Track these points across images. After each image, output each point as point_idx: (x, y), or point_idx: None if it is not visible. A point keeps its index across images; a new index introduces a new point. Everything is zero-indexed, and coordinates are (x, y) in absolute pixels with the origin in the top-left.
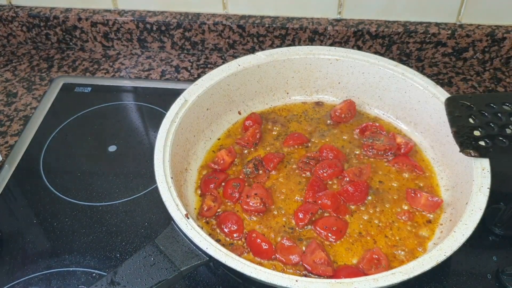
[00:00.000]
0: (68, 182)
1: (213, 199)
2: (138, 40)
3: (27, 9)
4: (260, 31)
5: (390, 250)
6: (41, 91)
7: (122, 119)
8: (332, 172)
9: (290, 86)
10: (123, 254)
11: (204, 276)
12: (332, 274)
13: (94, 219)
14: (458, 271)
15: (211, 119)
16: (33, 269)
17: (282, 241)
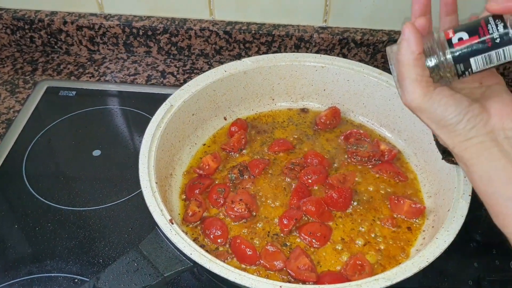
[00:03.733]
0: (50, 187)
1: (197, 205)
2: (124, 45)
3: (12, 12)
4: (246, 38)
5: (373, 256)
6: (25, 94)
7: (107, 123)
8: (317, 178)
9: (276, 92)
10: (106, 259)
11: (188, 282)
12: (315, 280)
13: (77, 224)
14: (440, 277)
15: (197, 125)
16: (14, 275)
17: (267, 247)
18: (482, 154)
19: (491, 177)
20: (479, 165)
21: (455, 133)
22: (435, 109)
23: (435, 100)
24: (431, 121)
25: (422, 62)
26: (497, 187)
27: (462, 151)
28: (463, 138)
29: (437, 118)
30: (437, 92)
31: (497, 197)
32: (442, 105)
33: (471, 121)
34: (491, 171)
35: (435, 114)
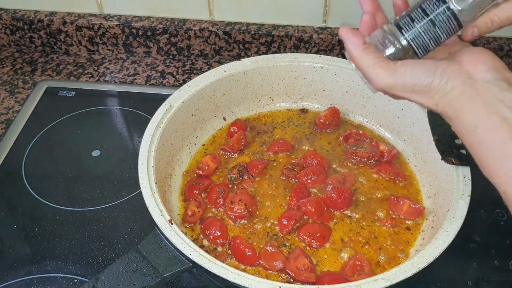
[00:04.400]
0: (50, 187)
1: (197, 205)
2: (124, 45)
3: (11, 12)
4: (246, 38)
5: (373, 256)
6: (24, 95)
7: (106, 123)
8: (316, 179)
9: (275, 93)
10: (106, 260)
11: (188, 282)
12: (315, 281)
13: (76, 225)
14: (440, 277)
15: (196, 125)
16: (13, 275)
17: (266, 247)
18: (465, 104)
19: (477, 127)
20: (464, 117)
21: (433, 92)
22: (404, 79)
23: (400, 72)
24: (407, 92)
25: (372, 49)
26: (483, 137)
27: (445, 107)
28: (442, 93)
29: (410, 87)
30: (400, 64)
31: (483, 147)
32: (409, 73)
33: (443, 75)
34: (476, 121)
35: (406, 84)
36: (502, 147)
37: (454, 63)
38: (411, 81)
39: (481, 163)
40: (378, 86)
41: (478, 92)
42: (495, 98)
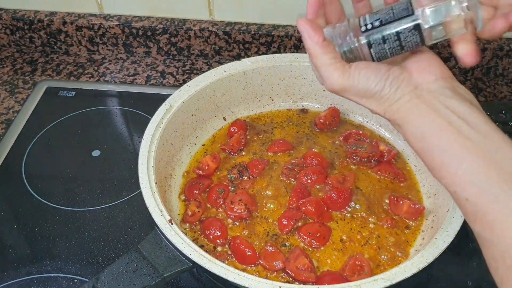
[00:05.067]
0: (50, 187)
1: (197, 205)
2: (124, 45)
3: (11, 12)
4: (246, 38)
5: (373, 256)
6: (24, 95)
7: (107, 124)
8: (316, 179)
9: (275, 93)
10: (106, 260)
11: (188, 282)
12: (315, 281)
13: (76, 225)
14: (440, 277)
15: (196, 125)
16: (13, 275)
17: (266, 247)
18: (412, 112)
19: (424, 132)
20: (411, 123)
21: (383, 99)
22: (357, 84)
23: (354, 76)
24: (358, 96)
25: (330, 48)
26: (430, 141)
27: (393, 114)
28: (391, 101)
29: (362, 91)
30: (354, 67)
31: (431, 151)
32: (362, 78)
33: (393, 83)
34: (423, 127)
35: (358, 88)
36: (449, 147)
37: (404, 72)
38: (363, 87)
39: (430, 166)
40: (331, 87)
41: (424, 100)
42: (441, 104)
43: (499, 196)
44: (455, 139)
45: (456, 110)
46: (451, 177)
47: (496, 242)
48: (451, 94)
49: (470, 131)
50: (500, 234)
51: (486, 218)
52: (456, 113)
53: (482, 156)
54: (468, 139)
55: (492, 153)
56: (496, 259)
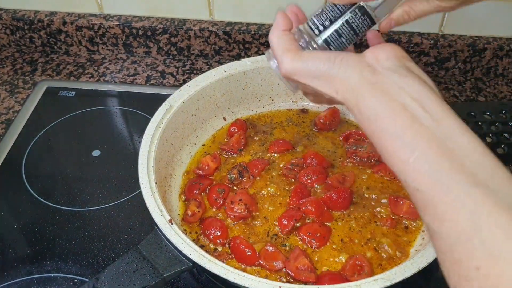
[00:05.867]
0: (50, 187)
1: (197, 205)
2: (124, 45)
3: (11, 12)
4: (246, 38)
5: (373, 256)
6: (24, 95)
7: (107, 123)
8: (316, 178)
9: (275, 93)
10: (106, 259)
11: (188, 282)
12: (315, 281)
13: (76, 224)
14: (440, 277)
15: (196, 125)
16: (13, 275)
17: (266, 247)
18: (364, 91)
19: (377, 114)
20: (363, 103)
21: (333, 78)
22: (307, 64)
23: (305, 58)
24: (309, 77)
25: (290, 37)
26: (383, 124)
27: (345, 93)
28: (342, 79)
29: (312, 72)
30: (307, 52)
31: (383, 135)
32: (311, 59)
33: (343, 61)
34: (376, 109)
35: (308, 69)
36: (402, 134)
37: (357, 54)
38: (313, 67)
39: (382, 151)
40: (283, 69)
41: (377, 79)
42: (395, 84)
43: (451, 187)
44: (409, 125)
45: (410, 91)
46: (402, 165)
47: (445, 235)
48: (405, 73)
49: (424, 116)
50: (449, 226)
51: (436, 210)
52: (411, 95)
53: (435, 144)
54: (422, 125)
55: (446, 141)
56: (444, 252)
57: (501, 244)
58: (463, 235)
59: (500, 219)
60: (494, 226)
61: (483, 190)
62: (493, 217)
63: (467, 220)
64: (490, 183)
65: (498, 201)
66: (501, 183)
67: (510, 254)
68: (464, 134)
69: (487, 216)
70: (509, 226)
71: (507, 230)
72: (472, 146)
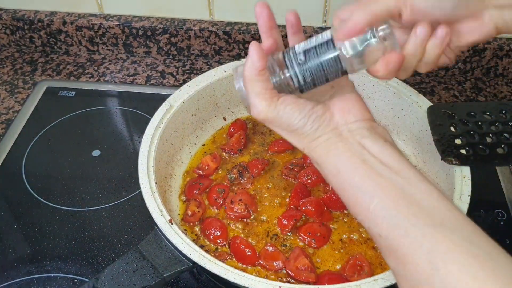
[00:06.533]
0: (50, 187)
1: (197, 205)
2: (124, 45)
3: (11, 12)
4: (246, 38)
5: (373, 256)
6: (24, 95)
7: (107, 123)
8: (316, 179)
9: None
10: (106, 259)
11: (188, 282)
12: (315, 281)
13: (76, 224)
14: None
15: (196, 125)
16: (13, 275)
17: (266, 247)
18: (330, 150)
19: (339, 169)
20: (328, 160)
21: (303, 136)
22: (280, 117)
23: (280, 109)
24: (280, 128)
25: (265, 77)
26: (345, 177)
27: (312, 151)
28: (311, 138)
29: (284, 125)
30: (281, 101)
31: (346, 187)
32: (287, 113)
33: (315, 122)
34: (338, 164)
35: (281, 121)
36: (362, 185)
37: (327, 112)
38: (286, 121)
39: (347, 203)
40: (255, 115)
41: (341, 140)
42: (357, 144)
43: (409, 230)
44: (368, 175)
45: (371, 149)
46: (364, 213)
47: (409, 277)
48: (368, 134)
49: (382, 168)
50: (412, 268)
51: (397, 253)
52: (371, 152)
53: (393, 192)
54: (380, 175)
55: (403, 188)
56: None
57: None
58: (424, 275)
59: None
60: (451, 263)
61: (439, 229)
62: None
63: (426, 260)
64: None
65: (454, 238)
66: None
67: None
68: (421, 182)
69: (443, 254)
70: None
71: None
72: (428, 192)
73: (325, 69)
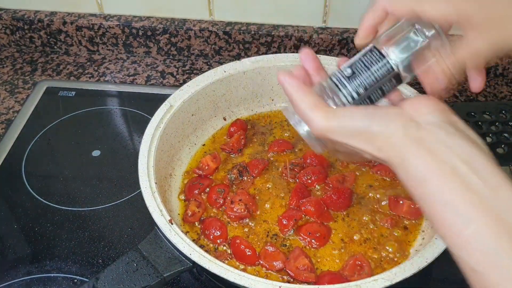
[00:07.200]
0: (50, 187)
1: (197, 205)
2: (124, 45)
3: (11, 12)
4: (246, 38)
5: (373, 256)
6: (24, 95)
7: (107, 124)
8: (316, 178)
9: (275, 93)
10: (106, 259)
11: (188, 282)
12: (315, 281)
13: (76, 225)
14: (440, 277)
15: (196, 125)
16: (13, 275)
17: (266, 247)
18: (410, 148)
19: (425, 177)
20: (409, 163)
21: (373, 136)
22: (343, 123)
23: (339, 115)
24: (345, 136)
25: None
26: (432, 189)
27: (388, 152)
28: (384, 137)
29: (349, 131)
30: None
31: (433, 201)
32: (347, 117)
33: (383, 118)
34: (422, 170)
35: (345, 127)
36: (453, 202)
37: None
38: (350, 124)
39: (431, 218)
40: (315, 129)
41: (422, 135)
42: (442, 143)
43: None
44: (460, 191)
45: (460, 152)
46: (456, 238)
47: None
48: (452, 131)
49: (477, 182)
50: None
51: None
52: (460, 157)
53: (492, 217)
54: (475, 193)
55: (504, 213)
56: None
57: None
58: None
59: None
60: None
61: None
62: None
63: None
64: None
65: None
66: None
67: None
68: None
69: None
70: None
71: None
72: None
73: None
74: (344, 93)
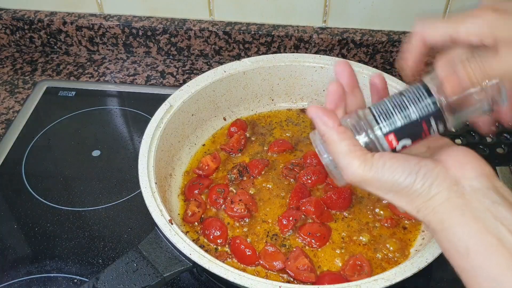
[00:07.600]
0: (50, 187)
1: (197, 205)
2: (124, 45)
3: (11, 12)
4: (246, 38)
5: (373, 256)
6: (24, 95)
7: (106, 123)
8: (316, 178)
9: (275, 93)
10: (106, 259)
11: (188, 282)
12: (315, 281)
13: (76, 224)
14: (440, 277)
15: (196, 125)
16: (13, 275)
17: (266, 247)
18: (453, 215)
19: (469, 248)
20: (452, 231)
21: (414, 195)
22: (381, 176)
23: (378, 166)
24: (383, 190)
25: (348, 134)
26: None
27: (428, 215)
28: (425, 198)
29: (388, 185)
30: (377, 157)
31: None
32: (387, 169)
33: (427, 176)
34: (468, 240)
35: (383, 181)
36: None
37: (439, 165)
38: (390, 179)
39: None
40: (350, 178)
41: (467, 203)
42: (488, 212)
43: None
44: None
45: (508, 223)
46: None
47: None
48: (499, 200)
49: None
50: None
51: None
52: (508, 228)
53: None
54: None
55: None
56: None
57: None
58: None
59: None
60: None
61: None
62: None
63: None
64: None
65: None
66: None
67: None
68: None
69: None
70: None
71: None
72: None
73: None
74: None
